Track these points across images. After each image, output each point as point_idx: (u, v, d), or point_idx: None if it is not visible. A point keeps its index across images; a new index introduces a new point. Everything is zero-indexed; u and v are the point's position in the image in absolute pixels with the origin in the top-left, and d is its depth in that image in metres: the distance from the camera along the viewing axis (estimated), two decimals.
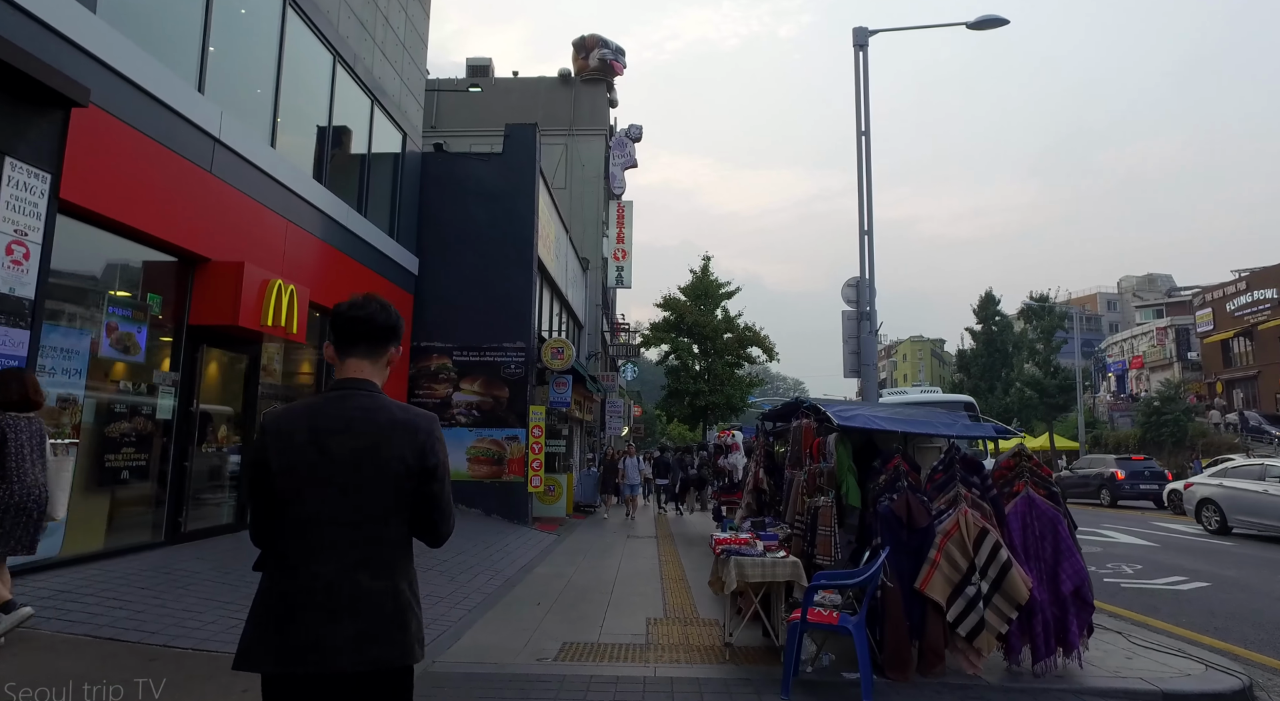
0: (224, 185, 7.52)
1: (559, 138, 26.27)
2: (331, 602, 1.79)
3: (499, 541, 10.93)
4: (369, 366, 2.01)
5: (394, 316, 2.05)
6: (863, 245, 12.92)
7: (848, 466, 5.30)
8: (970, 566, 4.77)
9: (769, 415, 8.90)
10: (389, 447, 1.87)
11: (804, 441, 6.28)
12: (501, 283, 13.93)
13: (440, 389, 13.70)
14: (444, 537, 2.04)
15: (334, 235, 10.38)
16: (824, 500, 5.41)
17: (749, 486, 8.73)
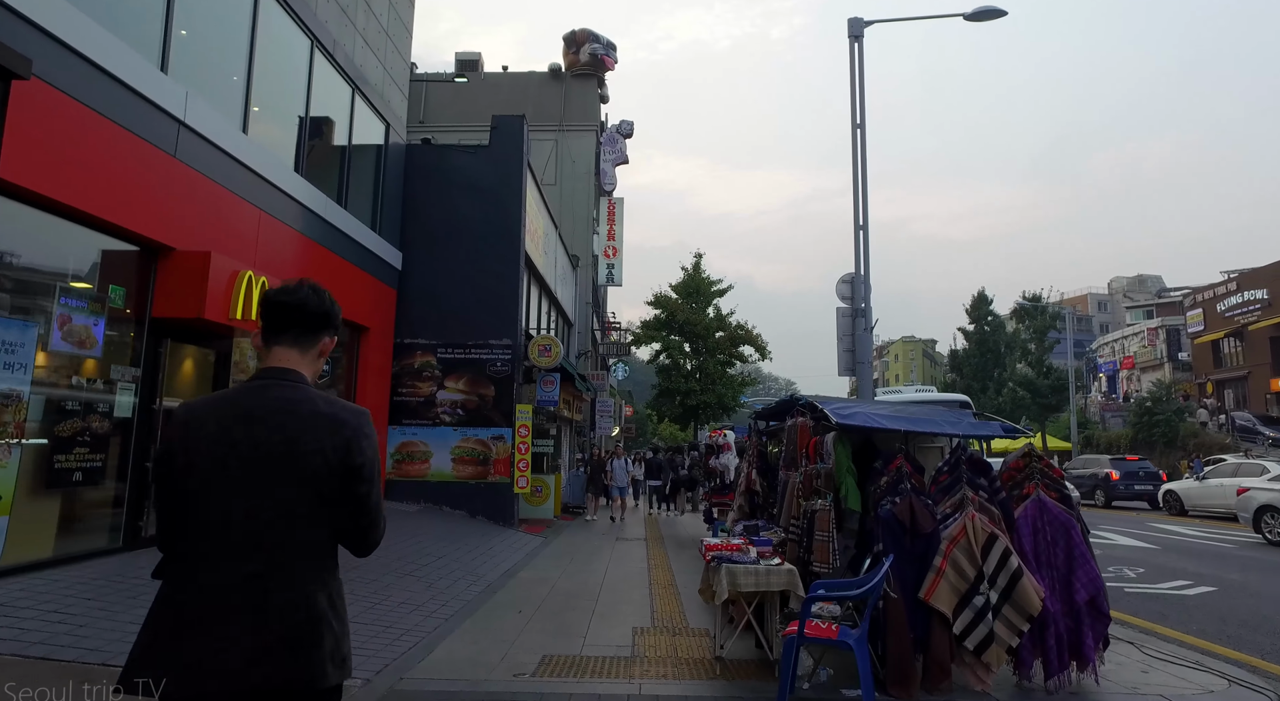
0: (190, 171, 7.13)
1: (549, 133, 25.91)
2: (231, 614, 1.61)
3: (483, 544, 10.57)
4: (298, 356, 1.86)
5: (328, 302, 1.90)
6: (857, 240, 12.65)
7: (847, 467, 4.97)
8: (978, 575, 4.45)
9: (762, 414, 8.58)
10: (309, 442, 1.71)
11: (799, 441, 5.96)
12: (488, 278, 13.57)
13: (424, 387, 13.32)
14: (373, 545, 1.85)
15: (312, 227, 10.00)
16: (821, 503, 5.09)
17: (741, 488, 8.41)
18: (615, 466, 16.69)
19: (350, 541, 1.81)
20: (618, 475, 16.66)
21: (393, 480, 12.91)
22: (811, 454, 5.46)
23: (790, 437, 6.20)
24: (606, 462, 17.00)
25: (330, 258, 10.63)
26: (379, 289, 12.47)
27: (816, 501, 5.12)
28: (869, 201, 12.76)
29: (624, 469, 16.95)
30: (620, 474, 16.78)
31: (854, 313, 12.82)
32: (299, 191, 9.53)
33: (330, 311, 1.89)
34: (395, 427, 13.13)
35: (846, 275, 13.22)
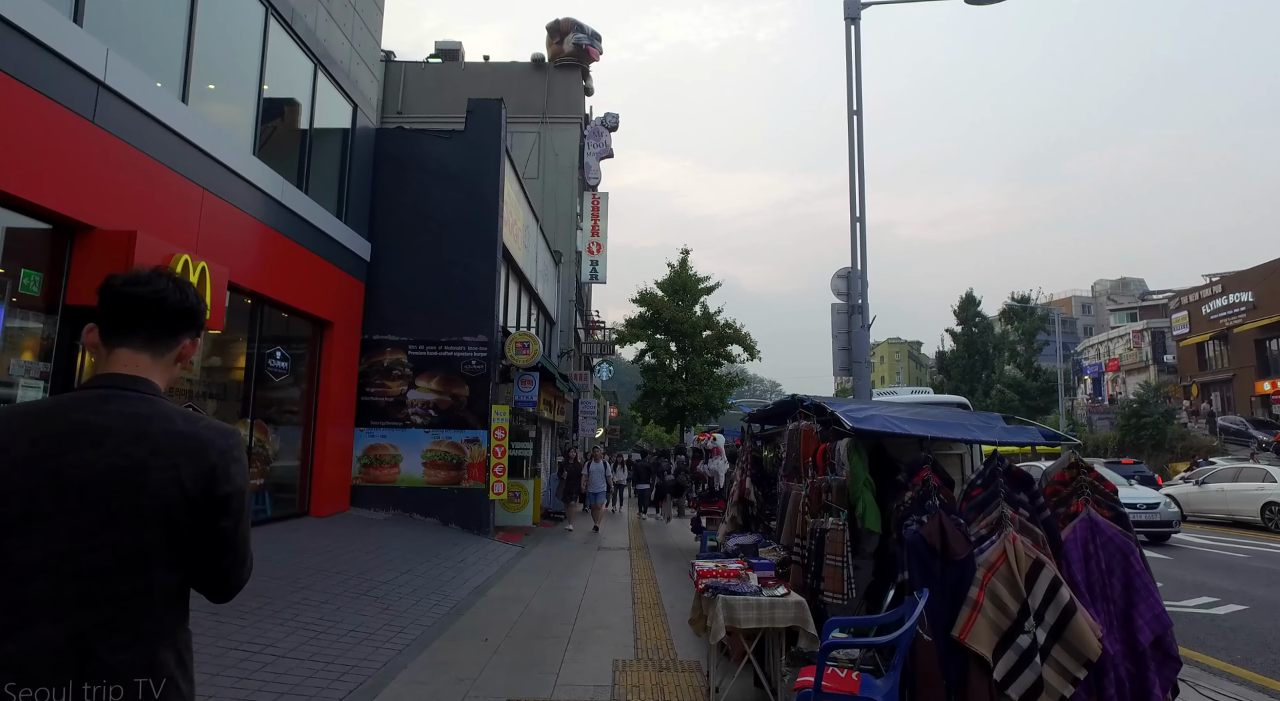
0: (113, 140, 6.29)
1: (531, 126, 25.13)
2: (50, 682, 1.32)
3: (453, 556, 9.78)
4: (149, 361, 1.55)
5: (193, 298, 1.60)
6: (854, 233, 11.99)
7: (864, 480, 4.25)
8: (1022, 609, 3.74)
9: (756, 416, 7.86)
10: (161, 469, 1.43)
11: (803, 448, 5.24)
12: (463, 271, 12.77)
13: (394, 386, 12.49)
14: (236, 588, 1.58)
15: (268, 212, 9.16)
16: (833, 522, 4.36)
17: (733, 498, 7.67)
18: (593, 470, 15.41)
19: (209, 585, 1.54)
20: (595, 480, 15.36)
21: (359, 486, 12.08)
22: (820, 463, 4.73)
23: (792, 444, 5.48)
24: (584, 466, 15.79)
25: (289, 246, 9.79)
26: (345, 281, 11.64)
27: (827, 519, 4.39)
28: (865, 193, 12.12)
29: (601, 473, 15.60)
30: (598, 478, 15.45)
31: (850, 309, 12.16)
32: (252, 172, 8.70)
33: (195, 308, 1.58)
34: (363, 429, 12.29)
35: (842, 270, 12.56)
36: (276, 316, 10.15)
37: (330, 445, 11.07)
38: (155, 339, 1.54)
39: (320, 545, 8.70)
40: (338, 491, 11.41)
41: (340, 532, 9.91)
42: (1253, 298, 41.67)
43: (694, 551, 11.75)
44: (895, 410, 5.05)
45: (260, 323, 9.44)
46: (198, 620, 4.53)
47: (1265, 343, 41.12)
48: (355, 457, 12.20)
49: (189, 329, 1.59)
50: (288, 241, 9.77)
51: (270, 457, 9.65)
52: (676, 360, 24.21)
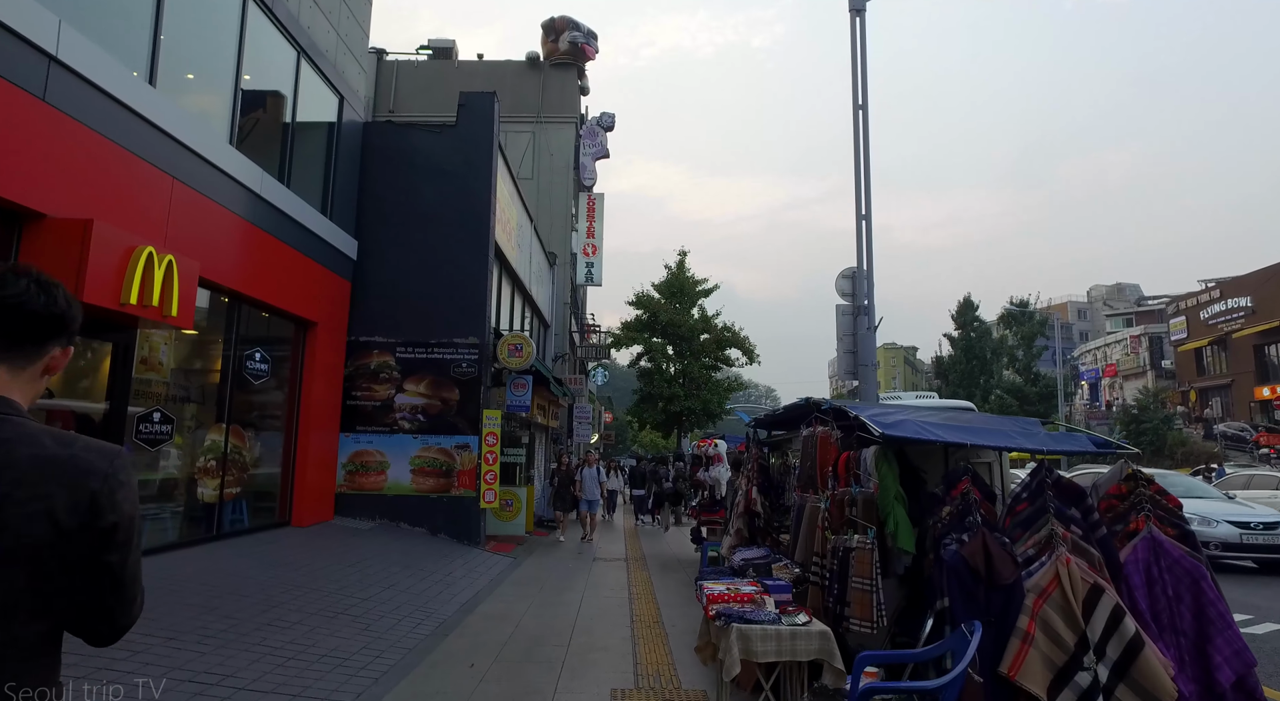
0: (67, 120, 5.80)
1: (526, 125, 24.67)
2: None
3: (441, 569, 9.27)
4: (6, 375, 1.32)
5: (61, 302, 1.36)
6: (860, 231, 11.57)
7: (895, 493, 3.79)
8: (1080, 641, 3.28)
9: (763, 421, 7.40)
10: (25, 503, 1.22)
11: (820, 457, 4.77)
12: (453, 270, 12.29)
13: (380, 390, 11.98)
14: (121, 632, 1.35)
15: (245, 205, 8.67)
16: (860, 540, 3.89)
17: (739, 509, 7.21)
18: (585, 476, 14.49)
19: (89, 629, 1.33)
20: (587, 486, 14.45)
21: (344, 494, 11.56)
22: (841, 473, 4.26)
23: (807, 452, 5.01)
24: (576, 472, 14.86)
25: (269, 242, 9.30)
26: (329, 280, 11.14)
27: (853, 537, 3.92)
28: (872, 190, 11.70)
29: (595, 479, 14.69)
30: (590, 485, 14.52)
31: (855, 310, 11.74)
32: (228, 162, 8.21)
33: (65, 314, 1.37)
34: (348, 435, 11.78)
35: (847, 270, 12.14)
36: (256, 316, 9.64)
37: (313, 451, 10.56)
38: (15, 349, 1.34)
39: (299, 558, 8.19)
40: (321, 500, 10.90)
41: (322, 544, 9.39)
42: (1251, 303, 41.46)
43: (694, 563, 11.27)
44: (925, 415, 4.59)
45: (238, 322, 8.93)
46: (151, 647, 3.85)
47: (1264, 348, 40.90)
48: (340, 464, 11.69)
49: (58, 337, 1.38)
50: (268, 237, 9.28)
51: (248, 465, 9.13)
52: (674, 364, 23.71)
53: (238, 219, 8.52)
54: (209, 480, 8.13)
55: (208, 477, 8.11)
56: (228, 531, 8.62)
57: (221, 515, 8.45)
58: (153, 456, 7.29)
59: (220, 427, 8.43)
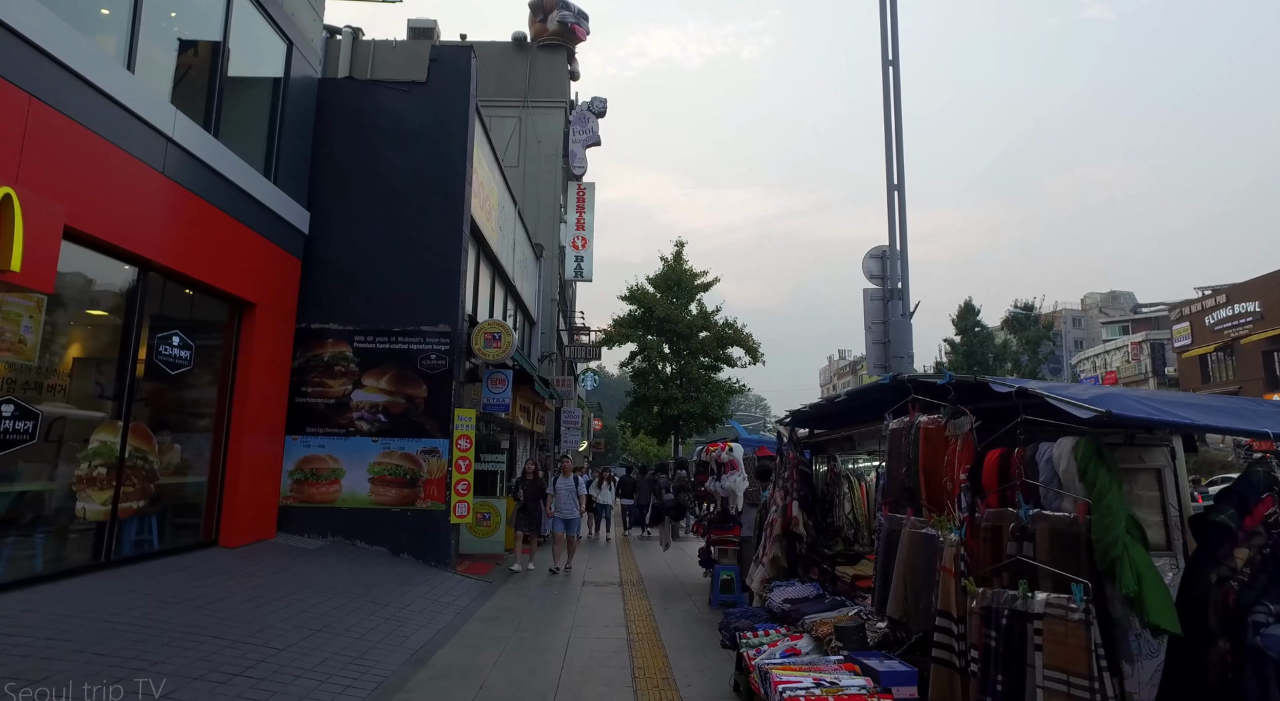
0: None
1: (512, 110, 23.12)
2: None
3: (397, 599, 7.58)
4: None
5: None
6: (891, 203, 10.04)
7: (1126, 521, 2.15)
8: None
9: (805, 416, 5.77)
10: None
11: (929, 459, 3.16)
12: (422, 248, 10.65)
13: (335, 385, 10.29)
14: None
15: (155, 152, 7.01)
16: (1054, 602, 2.24)
17: (772, 530, 5.57)
18: (561, 488, 11.62)
19: None
20: (563, 502, 11.54)
21: (290, 507, 9.84)
22: (989, 484, 2.63)
23: (898, 452, 3.39)
24: (548, 483, 11.83)
25: (192, 202, 7.64)
26: (274, 255, 9.46)
27: (1031, 596, 2.27)
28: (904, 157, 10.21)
29: (572, 493, 11.74)
30: (567, 500, 11.59)
31: (887, 294, 10.19)
32: (126, 91, 6.54)
33: None
34: (296, 438, 10.07)
35: (876, 248, 10.61)
36: (175, 292, 7.96)
37: (249, 457, 8.85)
38: None
39: (211, 591, 6.47)
40: (258, 514, 9.18)
41: (251, 570, 7.68)
42: (1259, 308, 40.43)
43: (701, 587, 9.61)
44: (1149, 394, 2.96)
45: (144, 296, 7.21)
46: None
47: (1273, 354, 39.85)
48: (286, 472, 9.97)
49: None
50: (190, 195, 7.62)
51: (158, 473, 7.40)
52: (670, 364, 22.02)
53: (143, 167, 6.84)
54: (95, 492, 6.40)
55: (93, 489, 6.38)
56: (127, 556, 6.89)
57: (117, 536, 6.71)
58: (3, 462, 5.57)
59: (114, 426, 6.71)
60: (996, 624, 2.32)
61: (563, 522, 11.60)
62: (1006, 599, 2.30)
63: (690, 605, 8.56)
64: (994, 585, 2.44)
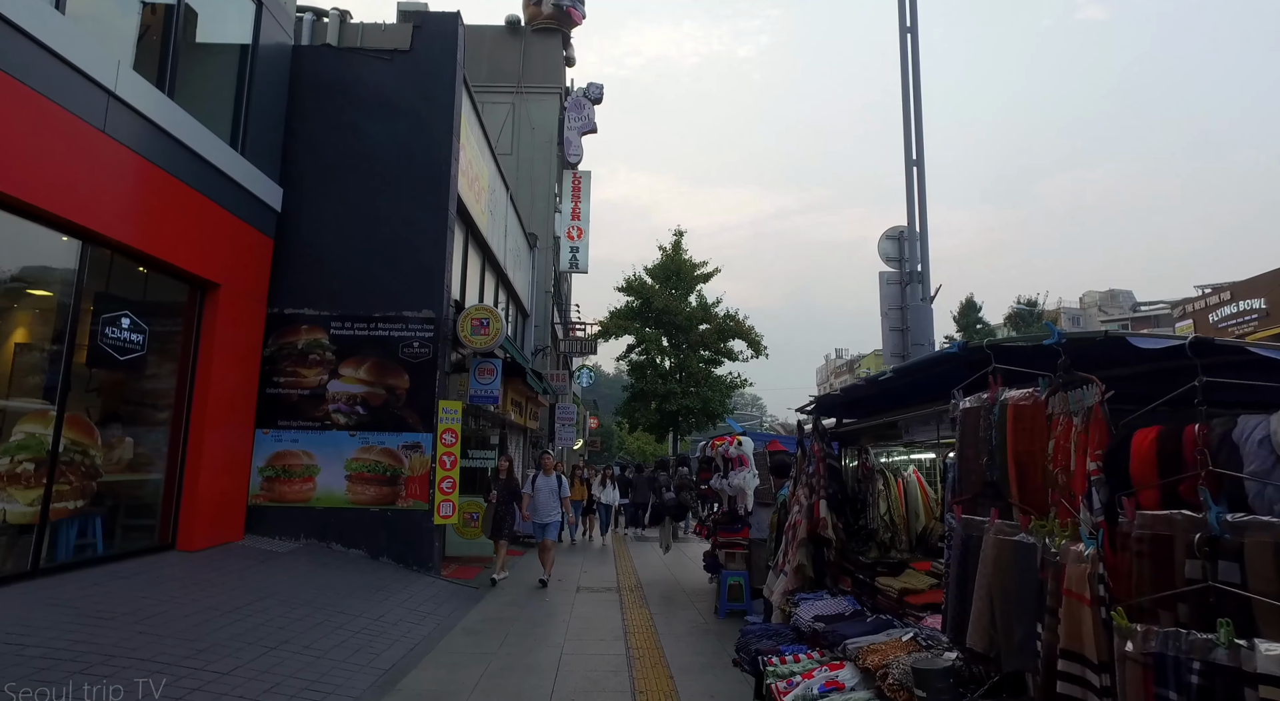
0: None
1: (505, 96, 22.30)
2: None
3: (371, 609, 6.82)
4: None
5: None
6: (910, 180, 9.36)
7: None
8: None
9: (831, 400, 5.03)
10: None
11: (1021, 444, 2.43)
12: (405, 227, 9.89)
13: (309, 375, 9.52)
14: None
15: (95, 109, 6.25)
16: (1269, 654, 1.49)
17: (796, 534, 4.84)
18: (539, 488, 10.09)
19: None
20: (542, 503, 10.05)
21: (260, 506, 9.08)
22: (1143, 477, 1.88)
23: (982, 436, 2.64)
24: (524, 480, 10.65)
25: (142, 166, 6.89)
26: (242, 233, 8.70)
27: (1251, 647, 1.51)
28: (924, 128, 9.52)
29: (554, 493, 10.18)
30: (546, 501, 10.08)
31: (905, 277, 9.50)
32: (51, 33, 5.78)
33: None
34: (266, 432, 9.31)
35: (893, 229, 9.92)
36: (127, 270, 7.20)
37: (213, 452, 8.09)
38: None
39: (153, 602, 5.70)
40: (224, 515, 8.41)
41: (209, 577, 6.91)
42: (1265, 305, 39.80)
43: (705, 593, 8.87)
44: None
45: (85, 272, 6.44)
46: None
47: None
48: (255, 469, 9.21)
49: None
50: (142, 162, 6.87)
51: (100, 469, 6.62)
52: (669, 357, 21.19)
53: (79, 124, 6.07)
54: (19, 491, 5.62)
55: (16, 488, 5.60)
56: (62, 564, 6.12)
57: (48, 541, 5.94)
58: None
59: (45, 417, 5.93)
60: (1181, 681, 1.58)
61: (540, 527, 10.09)
62: (1196, 645, 1.57)
63: (694, 614, 7.82)
64: (1161, 621, 1.72)
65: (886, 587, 3.87)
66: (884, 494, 4.68)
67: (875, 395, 4.30)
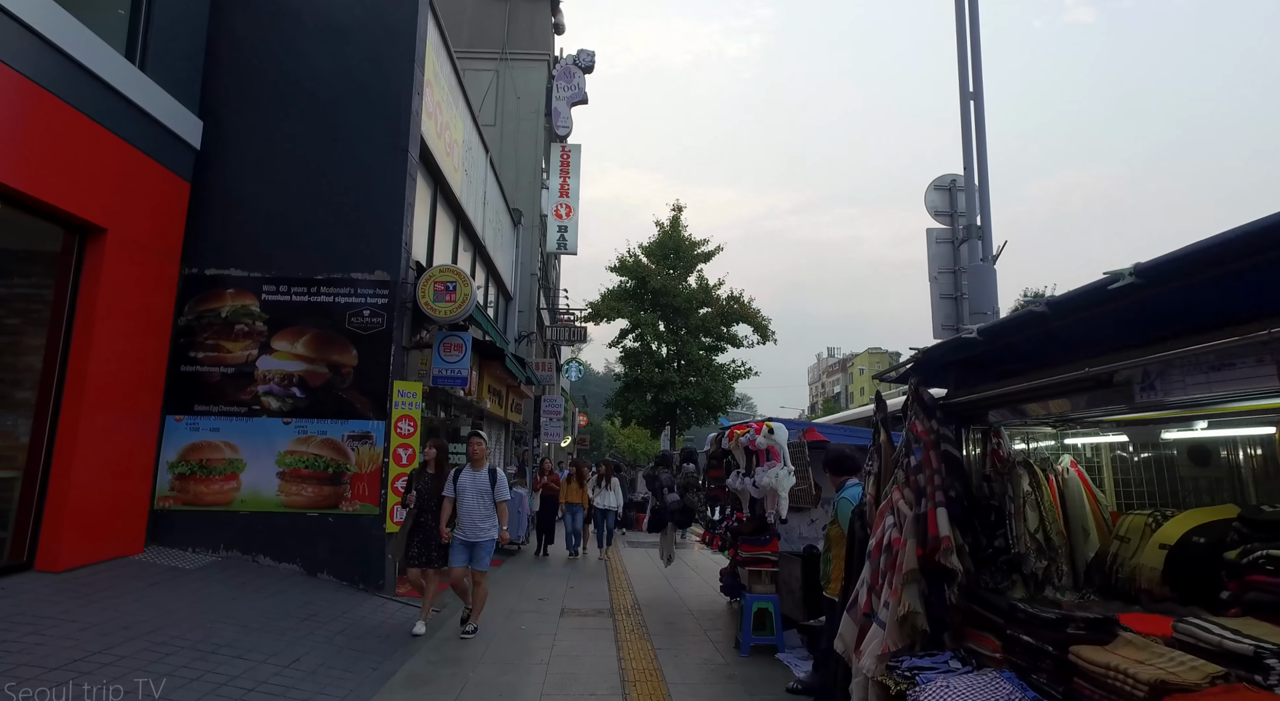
0: None
1: (489, 63, 20.60)
2: None
3: (285, 649, 5.10)
4: None
5: None
6: (967, 117, 7.76)
7: None
8: None
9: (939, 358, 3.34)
10: None
11: None
12: (355, 174, 8.18)
13: (236, 349, 7.78)
14: None
15: None
16: None
17: (897, 562, 3.12)
18: (464, 487, 6.39)
19: None
20: (467, 510, 6.32)
21: (169, 511, 7.35)
22: None
23: None
24: (450, 479, 6.53)
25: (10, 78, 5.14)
26: (144, 170, 6.94)
27: None
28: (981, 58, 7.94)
29: (484, 496, 6.41)
30: (473, 507, 6.34)
31: (959, 235, 7.92)
32: None
33: None
34: (180, 419, 7.57)
35: (942, 178, 8.38)
36: None
37: (95, 443, 6.34)
38: None
39: None
40: (113, 523, 6.65)
41: (62, 610, 5.15)
42: None
43: (717, 616, 7.17)
44: None
45: None
46: None
47: None
48: (165, 465, 7.47)
49: None
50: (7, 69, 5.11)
51: None
52: (666, 344, 19.40)
53: None
54: None
55: None
56: None
57: None
58: None
59: None
60: None
61: (463, 549, 6.27)
62: None
63: (709, 649, 6.12)
64: None
65: (1096, 666, 2.19)
66: (1033, 500, 3.00)
67: (1037, 339, 2.61)
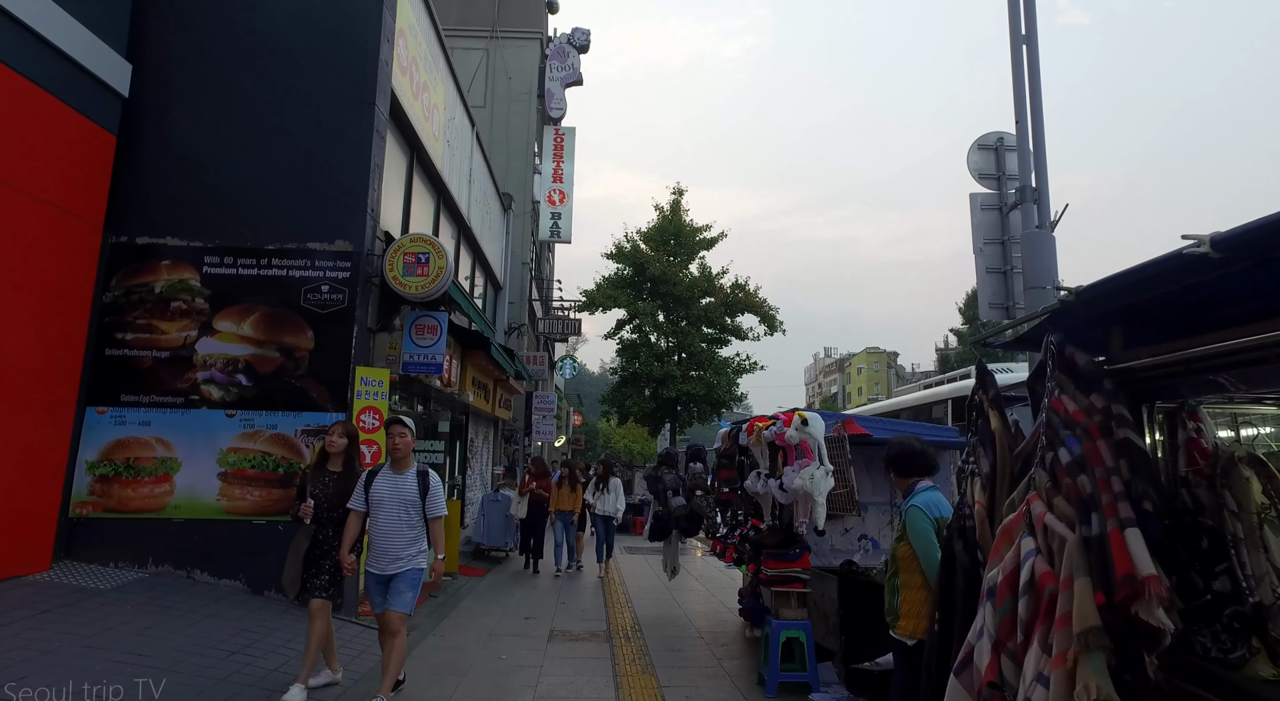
0: None
1: (478, 41, 19.53)
2: None
3: (218, 687, 4.00)
4: None
5: None
6: (1019, 64, 6.71)
7: None
8: None
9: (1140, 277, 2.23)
10: None
11: None
12: (311, 130, 7.11)
13: (171, 330, 6.69)
14: None
15: None
16: None
17: (1040, 604, 2.01)
18: (379, 494, 4.39)
19: None
20: (381, 528, 4.32)
21: (88, 519, 6.26)
22: None
23: None
24: (363, 483, 4.48)
25: None
26: (53, 113, 5.86)
27: None
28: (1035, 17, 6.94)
29: (406, 506, 4.36)
30: (390, 524, 4.34)
31: (1008, 201, 6.94)
32: None
33: None
34: (104, 412, 6.49)
35: (988, 136, 7.43)
36: None
37: None
38: None
39: None
40: (6, 537, 5.55)
41: None
42: None
43: (733, 642, 6.09)
44: None
45: None
46: None
47: None
48: (84, 465, 6.38)
49: None
50: None
51: None
52: (666, 336, 18.30)
53: None
54: None
55: None
56: None
57: None
58: None
59: None
60: None
61: (378, 585, 4.40)
62: None
63: (728, 687, 5.05)
64: None
65: None
66: (1274, 517, 1.93)
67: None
